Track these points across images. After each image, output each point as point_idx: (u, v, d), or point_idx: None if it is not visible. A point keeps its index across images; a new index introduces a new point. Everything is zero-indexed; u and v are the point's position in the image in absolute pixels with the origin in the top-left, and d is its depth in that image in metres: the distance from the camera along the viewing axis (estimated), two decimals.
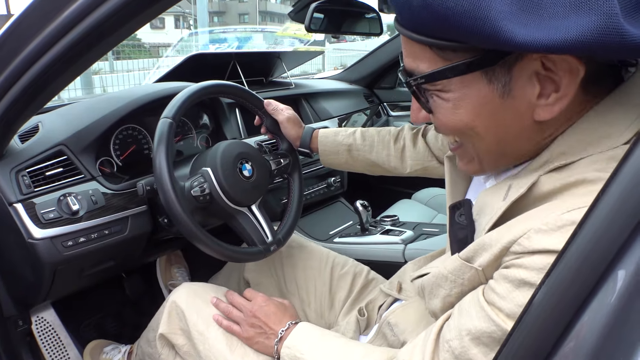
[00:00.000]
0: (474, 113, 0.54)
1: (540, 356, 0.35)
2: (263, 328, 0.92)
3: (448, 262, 0.61)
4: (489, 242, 0.54)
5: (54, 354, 1.36)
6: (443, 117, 0.57)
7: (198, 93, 1.04)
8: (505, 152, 0.58)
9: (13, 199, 0.96)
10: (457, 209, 0.63)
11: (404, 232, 1.43)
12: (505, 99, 0.52)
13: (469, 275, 0.57)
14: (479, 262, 0.56)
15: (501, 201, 0.56)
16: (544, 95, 0.50)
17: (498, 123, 0.54)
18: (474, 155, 0.60)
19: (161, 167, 0.93)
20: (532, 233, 0.49)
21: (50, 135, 1.08)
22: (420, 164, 1.10)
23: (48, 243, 0.97)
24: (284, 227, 1.16)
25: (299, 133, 1.18)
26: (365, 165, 1.17)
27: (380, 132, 1.15)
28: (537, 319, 0.36)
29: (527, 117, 0.52)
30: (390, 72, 2.29)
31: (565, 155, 0.53)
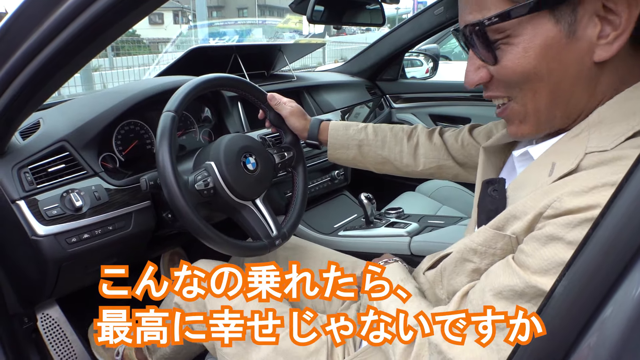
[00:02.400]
0: (541, 55, 0.56)
1: (563, 350, 0.34)
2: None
3: (475, 235, 0.62)
4: (523, 209, 0.55)
5: (60, 350, 1.35)
6: (511, 63, 0.58)
7: (200, 86, 1.02)
8: (561, 100, 0.59)
9: (16, 196, 0.95)
10: (491, 184, 0.64)
11: (409, 225, 1.42)
12: (570, 39, 0.54)
13: (501, 244, 0.58)
14: (511, 229, 0.57)
15: (547, 177, 0.57)
16: (603, 36, 0.54)
17: (561, 64, 0.56)
18: (527, 112, 0.62)
19: (164, 161, 0.92)
20: (564, 196, 0.51)
21: (51, 131, 1.07)
22: (435, 161, 1.09)
23: (52, 240, 0.96)
24: (289, 221, 1.15)
25: (305, 125, 1.17)
26: (374, 162, 1.15)
27: (393, 129, 1.14)
28: (558, 313, 0.35)
29: (588, 59, 0.55)
30: (392, 64, 2.27)
31: (601, 124, 0.55)
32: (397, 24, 2.16)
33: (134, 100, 1.17)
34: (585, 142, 0.55)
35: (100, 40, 0.74)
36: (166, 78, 1.32)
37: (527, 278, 0.51)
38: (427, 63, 2.69)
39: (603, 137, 0.54)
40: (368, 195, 1.47)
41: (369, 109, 2.15)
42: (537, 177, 0.59)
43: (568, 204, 0.49)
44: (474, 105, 2.15)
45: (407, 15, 6.94)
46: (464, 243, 0.64)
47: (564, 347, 0.34)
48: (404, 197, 1.85)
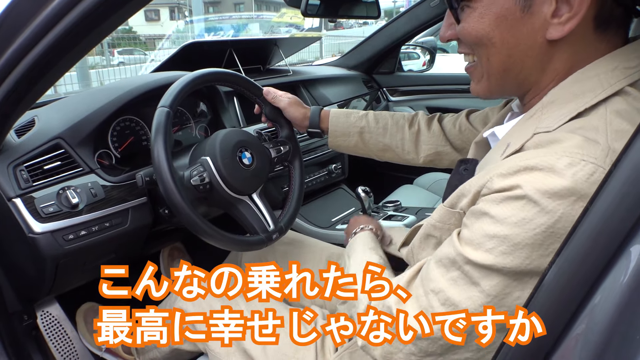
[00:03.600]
0: (495, 23, 0.59)
1: (552, 338, 0.35)
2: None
3: (434, 212, 0.67)
4: (468, 187, 0.60)
5: (60, 347, 1.36)
6: (468, 26, 0.62)
7: (195, 81, 1.02)
8: (512, 70, 0.62)
9: (12, 194, 0.95)
10: (464, 164, 0.69)
11: (406, 217, 1.43)
12: (524, 13, 0.57)
13: (453, 220, 0.63)
14: (460, 206, 0.61)
15: (500, 158, 0.60)
16: (557, 15, 0.55)
17: (513, 36, 0.59)
18: (484, 72, 0.65)
19: (160, 157, 0.92)
20: (494, 177, 0.54)
21: (46, 128, 1.07)
22: (434, 148, 1.10)
23: (49, 237, 0.96)
24: (286, 215, 1.15)
25: (304, 114, 1.16)
26: (375, 149, 1.15)
27: (394, 116, 1.14)
28: (548, 300, 0.35)
29: (540, 35, 0.57)
30: (389, 57, 2.27)
31: (553, 104, 0.58)
32: (394, 16, 2.15)
33: (129, 96, 1.17)
34: (537, 122, 0.58)
35: (95, 35, 0.74)
36: (161, 74, 1.31)
37: (460, 248, 0.56)
38: (424, 56, 2.68)
39: (551, 118, 0.57)
40: (365, 189, 1.47)
41: (366, 103, 2.14)
42: (493, 157, 0.63)
43: (496, 184, 0.53)
44: (471, 97, 2.14)
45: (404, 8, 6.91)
46: (427, 220, 0.69)
47: (555, 333, 0.34)
48: (402, 190, 1.86)
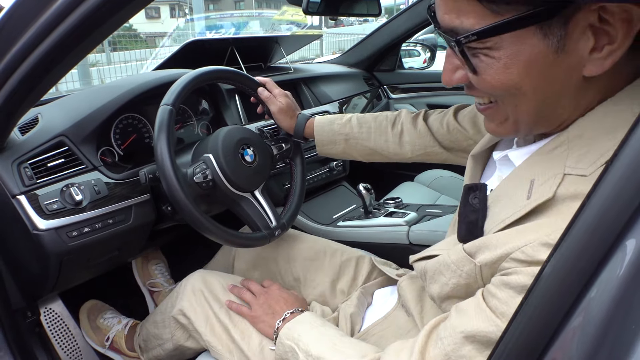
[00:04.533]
0: (525, 72, 0.50)
1: (549, 330, 0.35)
2: (272, 308, 0.96)
3: (452, 251, 0.61)
4: (495, 242, 0.54)
5: (63, 344, 1.37)
6: (491, 78, 0.52)
7: (197, 79, 1.03)
8: (545, 113, 0.55)
9: (16, 191, 0.96)
10: (472, 191, 0.62)
11: (407, 214, 1.43)
12: (558, 55, 0.49)
13: (467, 269, 0.58)
14: (479, 258, 0.56)
15: (525, 200, 0.54)
16: (597, 49, 0.48)
17: (547, 81, 0.51)
18: (510, 115, 0.57)
19: (162, 154, 0.93)
20: (536, 244, 0.49)
21: (50, 126, 1.08)
22: (422, 148, 1.07)
23: (53, 234, 0.97)
24: (288, 212, 1.16)
25: (291, 123, 1.17)
26: (363, 153, 1.15)
27: (377, 118, 1.12)
28: (546, 293, 0.36)
29: (577, 74, 0.50)
30: (389, 55, 2.27)
31: (581, 138, 0.52)
32: (395, 14, 2.15)
33: (132, 94, 1.18)
34: (564, 160, 0.53)
35: (98, 34, 0.74)
36: (163, 72, 1.32)
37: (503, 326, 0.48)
38: (424, 53, 2.69)
39: (582, 155, 0.51)
40: (366, 186, 1.47)
41: (367, 100, 2.15)
42: (516, 195, 0.56)
43: (541, 255, 0.48)
44: None
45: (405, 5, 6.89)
46: (444, 255, 0.63)
47: (552, 325, 0.35)
48: (403, 187, 1.86)
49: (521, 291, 0.49)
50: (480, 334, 0.53)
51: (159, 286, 1.53)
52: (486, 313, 0.53)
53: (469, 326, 0.54)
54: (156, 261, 1.60)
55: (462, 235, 0.60)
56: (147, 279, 1.55)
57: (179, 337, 1.06)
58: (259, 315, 0.96)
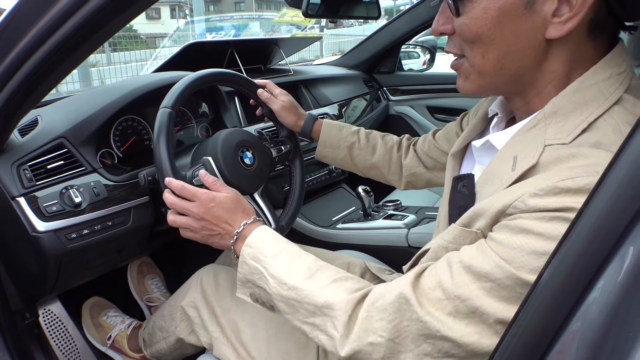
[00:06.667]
0: (497, 19, 0.57)
1: (548, 336, 0.35)
2: (215, 230, 0.84)
3: (445, 234, 0.63)
4: (484, 207, 0.57)
5: (62, 345, 1.37)
6: (469, 20, 0.59)
7: (196, 82, 1.03)
8: (508, 67, 0.61)
9: (15, 193, 0.96)
10: (461, 180, 0.65)
11: (406, 217, 1.44)
12: (526, 10, 0.56)
13: (469, 240, 0.59)
14: (477, 226, 0.58)
15: (510, 171, 0.58)
16: (558, 15, 0.55)
17: (513, 33, 0.58)
18: (475, 70, 0.63)
19: (162, 157, 0.93)
20: (526, 197, 0.52)
21: (49, 128, 1.08)
22: (409, 170, 1.13)
23: (52, 236, 0.97)
24: (287, 214, 1.16)
25: (296, 120, 1.18)
26: (362, 165, 1.18)
27: (384, 137, 1.17)
28: (544, 299, 0.36)
29: (540, 34, 0.56)
30: (389, 57, 2.28)
31: (556, 114, 0.57)
32: (394, 15, 2.16)
33: (131, 96, 1.18)
34: (543, 134, 0.57)
35: (99, 36, 0.74)
36: (163, 74, 1.32)
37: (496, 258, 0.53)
38: (424, 55, 2.69)
39: (559, 129, 0.56)
40: (366, 188, 1.48)
41: (366, 102, 2.15)
42: (501, 171, 0.60)
43: (534, 203, 0.51)
44: (471, 97, 2.15)
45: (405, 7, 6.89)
46: (437, 242, 0.65)
47: (551, 330, 0.35)
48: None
49: (518, 232, 0.52)
50: (478, 266, 0.54)
51: (156, 300, 1.53)
52: (484, 248, 0.55)
53: (466, 257, 0.56)
54: (152, 276, 1.61)
55: (454, 220, 0.63)
56: (144, 294, 1.56)
57: (182, 330, 1.07)
58: (205, 238, 0.85)
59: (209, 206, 0.84)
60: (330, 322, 0.65)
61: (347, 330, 0.63)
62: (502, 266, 0.52)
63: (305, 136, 1.18)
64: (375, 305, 0.61)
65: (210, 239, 0.85)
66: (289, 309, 0.70)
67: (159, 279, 1.61)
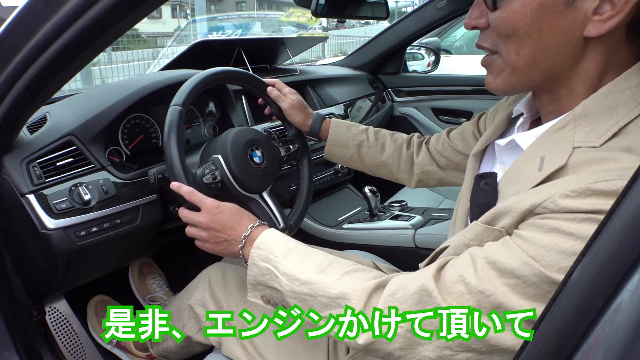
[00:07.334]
0: (537, 14, 0.57)
1: (575, 337, 0.35)
2: (221, 237, 0.85)
3: (466, 231, 0.62)
4: (510, 205, 0.56)
5: (67, 343, 1.37)
6: (507, 15, 0.59)
7: (207, 80, 1.03)
8: (542, 64, 0.60)
9: (25, 190, 0.96)
10: (483, 179, 0.65)
11: (413, 217, 1.43)
12: (567, 7, 0.55)
13: (492, 238, 0.59)
14: (501, 224, 0.57)
15: (537, 171, 0.57)
16: (599, 13, 0.54)
17: (552, 29, 0.57)
18: (508, 66, 0.63)
19: (172, 155, 0.93)
20: (556, 197, 0.51)
21: (58, 125, 1.08)
22: (421, 167, 1.13)
23: (61, 233, 0.97)
24: (295, 213, 1.16)
25: (304, 119, 1.18)
26: (371, 164, 1.18)
27: (393, 135, 1.17)
28: (573, 299, 0.36)
29: (578, 31, 0.56)
30: (394, 58, 2.28)
31: (586, 117, 0.57)
32: (396, 17, 2.16)
33: (140, 94, 1.18)
34: (572, 136, 0.57)
35: (109, 35, 0.75)
36: (171, 72, 1.32)
37: (524, 255, 0.52)
38: (428, 57, 2.68)
39: (589, 132, 0.55)
40: (372, 189, 1.48)
41: (371, 103, 2.15)
42: (526, 171, 0.59)
43: (565, 203, 0.51)
44: (475, 98, 2.16)
45: (408, 9, 6.90)
46: (457, 239, 0.64)
47: (578, 332, 0.35)
48: (406, 190, 1.86)
49: (548, 231, 0.51)
50: (504, 262, 0.54)
51: (159, 300, 1.53)
52: (510, 245, 0.54)
53: (491, 253, 0.55)
54: (153, 275, 1.60)
55: (475, 217, 0.62)
56: (147, 294, 1.56)
57: (190, 329, 1.07)
58: (214, 248, 0.87)
59: (214, 213, 0.85)
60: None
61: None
62: (529, 263, 0.51)
63: (314, 135, 1.18)
64: (395, 297, 0.61)
65: (219, 246, 0.86)
66: (302, 304, 0.70)
67: (161, 279, 1.61)
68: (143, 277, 1.59)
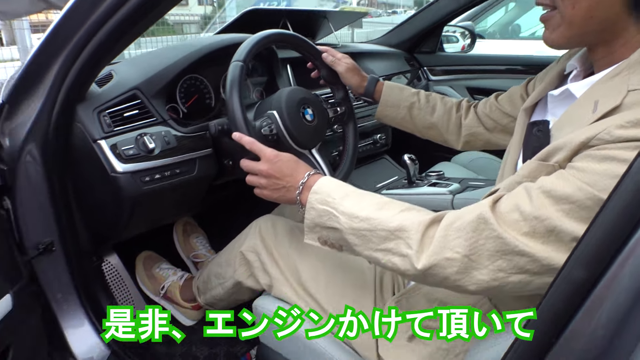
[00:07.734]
0: None
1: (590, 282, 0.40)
2: (280, 183, 0.88)
3: (520, 169, 0.65)
4: (565, 141, 0.59)
5: (118, 292, 1.45)
6: None
7: (267, 39, 1.08)
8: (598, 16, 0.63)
9: (97, 136, 1.03)
10: (536, 125, 0.69)
11: (451, 184, 1.47)
12: None
13: (545, 173, 0.61)
14: (555, 159, 0.60)
15: (591, 113, 0.60)
16: None
17: None
18: (565, 20, 0.66)
19: (235, 107, 0.99)
20: (612, 128, 0.54)
21: (124, 81, 1.15)
22: (468, 129, 1.19)
23: (129, 177, 1.04)
24: (342, 172, 1.22)
25: (360, 82, 1.23)
26: (421, 125, 1.23)
27: (443, 99, 1.23)
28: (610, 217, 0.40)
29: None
30: (430, 37, 2.29)
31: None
32: (424, 4, 2.18)
33: (198, 54, 1.24)
34: (627, 81, 0.58)
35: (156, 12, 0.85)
36: (225, 35, 1.38)
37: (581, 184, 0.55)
38: (463, 40, 2.69)
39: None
40: (411, 156, 1.51)
41: (407, 80, 2.18)
42: (580, 114, 0.62)
43: (619, 133, 0.53)
44: (509, 78, 2.17)
45: None
46: (509, 179, 0.67)
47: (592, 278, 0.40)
48: (441, 166, 1.89)
49: (602, 160, 0.54)
50: (558, 190, 0.56)
51: (202, 257, 1.60)
52: (565, 176, 0.57)
53: (546, 184, 0.58)
54: (196, 235, 1.68)
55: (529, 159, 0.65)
56: (190, 252, 1.63)
57: (241, 274, 1.11)
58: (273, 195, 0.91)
59: (274, 161, 0.90)
60: (404, 242, 0.68)
61: (422, 247, 0.66)
62: (584, 189, 0.54)
63: (369, 96, 1.23)
64: (453, 226, 0.64)
65: (277, 193, 0.90)
66: (361, 240, 0.73)
67: (203, 237, 1.68)
68: (187, 235, 1.66)
